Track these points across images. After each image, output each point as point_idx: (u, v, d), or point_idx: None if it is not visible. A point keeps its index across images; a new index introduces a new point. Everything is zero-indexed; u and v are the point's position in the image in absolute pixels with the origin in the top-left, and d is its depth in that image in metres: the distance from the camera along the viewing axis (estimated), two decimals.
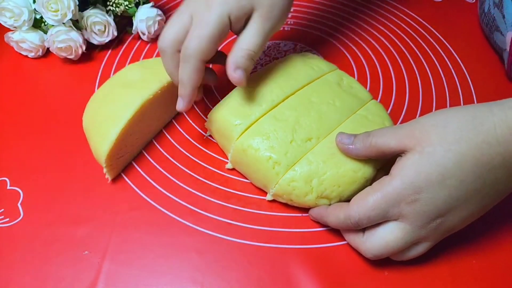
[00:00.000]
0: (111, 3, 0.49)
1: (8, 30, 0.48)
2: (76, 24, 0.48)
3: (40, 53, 0.50)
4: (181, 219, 0.38)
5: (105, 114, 0.39)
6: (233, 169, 0.41)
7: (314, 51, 0.53)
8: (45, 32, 0.49)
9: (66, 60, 0.50)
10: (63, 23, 0.47)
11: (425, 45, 0.54)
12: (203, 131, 0.44)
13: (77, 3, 0.46)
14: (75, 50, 0.48)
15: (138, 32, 0.52)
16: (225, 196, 0.39)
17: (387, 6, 0.60)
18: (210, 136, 0.44)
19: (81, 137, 0.41)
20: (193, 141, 0.43)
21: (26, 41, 0.48)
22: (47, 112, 0.45)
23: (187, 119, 0.45)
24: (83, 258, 0.35)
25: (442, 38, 0.55)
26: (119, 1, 0.49)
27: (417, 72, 0.51)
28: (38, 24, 0.48)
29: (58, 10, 0.45)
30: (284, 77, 0.40)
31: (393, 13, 0.59)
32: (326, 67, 0.43)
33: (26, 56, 0.50)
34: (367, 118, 0.39)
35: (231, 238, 0.37)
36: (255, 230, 0.37)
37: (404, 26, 0.57)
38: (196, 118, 0.45)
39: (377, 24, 0.57)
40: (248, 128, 0.37)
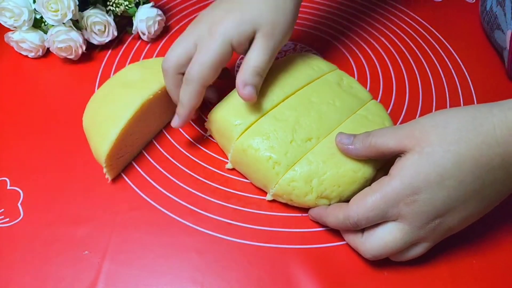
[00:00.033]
0: (111, 3, 0.49)
1: (8, 30, 0.48)
2: (76, 24, 0.48)
3: (40, 53, 0.50)
4: (181, 219, 0.38)
5: (105, 114, 0.39)
6: (233, 169, 0.41)
7: (314, 51, 0.53)
8: (45, 32, 0.49)
9: (66, 60, 0.50)
10: (63, 23, 0.47)
11: (425, 45, 0.54)
12: (203, 131, 0.44)
13: (77, 3, 0.46)
14: (75, 50, 0.48)
15: (138, 32, 0.52)
16: (225, 196, 0.39)
17: (387, 6, 0.60)
18: (210, 136, 0.44)
19: (81, 137, 0.41)
20: (193, 141, 0.43)
21: (26, 41, 0.48)
22: (47, 112, 0.45)
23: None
24: (83, 258, 0.35)
25: (442, 38, 0.55)
26: (119, 1, 0.49)
27: (417, 72, 0.51)
28: (38, 24, 0.48)
29: (58, 10, 0.45)
30: (284, 77, 0.40)
31: (393, 13, 0.59)
32: (326, 67, 0.43)
33: (26, 56, 0.50)
34: (367, 118, 0.39)
35: (231, 238, 0.37)
36: (255, 230, 0.37)
37: (404, 26, 0.57)
38: (196, 118, 0.45)
39: (377, 24, 0.57)
40: (248, 128, 0.37)
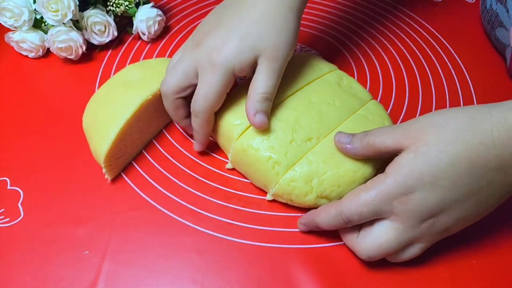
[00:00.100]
0: (112, 3, 0.49)
1: (8, 30, 0.48)
2: (77, 24, 0.48)
3: (40, 53, 0.50)
4: (181, 219, 0.38)
5: (105, 114, 0.39)
6: (233, 169, 0.41)
7: (314, 51, 0.53)
8: (45, 32, 0.49)
9: (66, 60, 0.50)
10: (64, 23, 0.47)
11: (425, 45, 0.54)
12: None
13: (77, 3, 0.46)
14: (75, 50, 0.48)
15: (138, 32, 0.52)
16: (225, 196, 0.39)
17: (387, 6, 0.60)
18: (210, 136, 0.43)
19: (81, 137, 0.41)
20: (193, 141, 0.43)
21: (27, 41, 0.48)
22: (47, 112, 0.45)
23: None
24: (83, 258, 0.35)
25: (442, 38, 0.55)
26: (120, 1, 0.50)
27: (417, 72, 0.51)
28: (39, 24, 0.48)
29: (58, 10, 0.45)
30: (284, 77, 0.40)
31: (393, 13, 0.59)
32: (326, 67, 0.43)
33: (27, 56, 0.50)
34: (367, 118, 0.39)
35: (231, 238, 0.37)
36: (255, 230, 0.37)
37: (404, 26, 0.57)
38: None
39: (377, 24, 0.57)
40: (248, 128, 0.37)
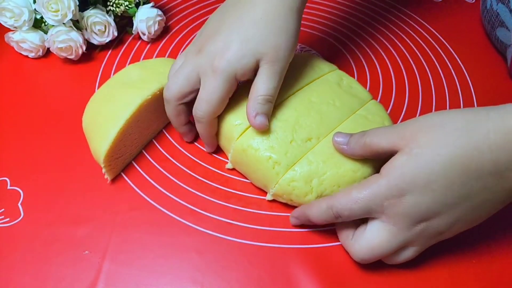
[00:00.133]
0: (112, 3, 0.49)
1: (9, 30, 0.48)
2: (77, 24, 0.48)
3: (41, 53, 0.50)
4: (181, 219, 0.38)
5: (104, 114, 0.39)
6: (233, 169, 0.41)
7: (314, 51, 0.53)
8: (46, 32, 0.49)
9: (66, 60, 0.50)
10: (64, 23, 0.47)
11: (425, 45, 0.54)
12: None
13: (77, 3, 0.46)
14: (75, 50, 0.48)
15: (138, 32, 0.52)
16: (225, 196, 0.39)
17: (387, 7, 0.60)
18: None
19: (81, 137, 0.41)
20: (193, 141, 0.43)
21: (27, 41, 0.48)
22: (47, 112, 0.45)
23: None
24: (83, 258, 0.35)
25: (442, 38, 0.55)
26: (120, 1, 0.50)
27: (417, 72, 0.51)
28: (39, 24, 0.48)
29: (59, 10, 0.45)
30: (284, 77, 0.40)
31: (393, 14, 0.59)
32: (326, 67, 0.43)
33: (27, 56, 0.50)
34: (367, 118, 0.39)
35: (231, 238, 0.37)
36: (255, 230, 0.37)
37: (404, 26, 0.57)
38: None
39: (377, 24, 0.57)
40: (248, 128, 0.37)
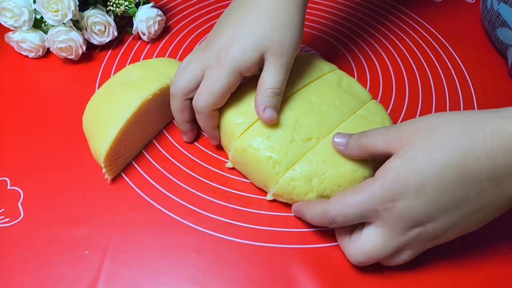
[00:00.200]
0: (112, 3, 0.49)
1: (9, 30, 0.48)
2: (77, 24, 0.48)
3: (41, 53, 0.50)
4: (181, 219, 0.38)
5: (105, 114, 0.39)
6: (233, 169, 0.41)
7: (314, 51, 0.53)
8: (46, 32, 0.49)
9: (66, 60, 0.50)
10: (64, 23, 0.47)
11: (425, 45, 0.55)
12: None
13: (77, 3, 0.46)
14: (75, 50, 0.48)
15: (139, 32, 0.52)
16: (225, 196, 0.39)
17: (387, 7, 0.60)
18: None
19: (81, 137, 0.41)
20: (193, 141, 0.43)
21: (27, 41, 0.48)
22: (47, 112, 0.45)
23: None
24: (83, 258, 0.35)
25: (442, 38, 0.55)
26: (120, 1, 0.50)
27: (417, 72, 0.51)
28: (39, 24, 0.48)
29: (59, 10, 0.45)
30: None
31: (393, 13, 0.59)
32: (326, 67, 0.43)
33: (27, 56, 0.50)
34: (367, 118, 0.39)
35: (231, 238, 0.37)
36: (255, 230, 0.37)
37: (404, 26, 0.57)
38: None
39: (377, 24, 0.57)
40: (250, 127, 0.37)
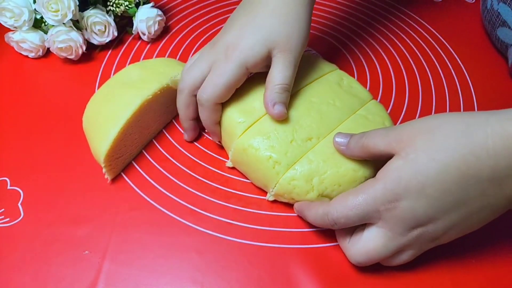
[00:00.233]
0: (112, 3, 0.49)
1: (9, 30, 0.48)
2: (77, 24, 0.48)
3: (41, 53, 0.50)
4: (181, 219, 0.38)
5: (105, 114, 0.39)
6: (233, 169, 0.41)
7: (314, 51, 0.53)
8: (46, 32, 0.49)
9: (67, 60, 0.50)
10: (64, 23, 0.47)
11: (425, 45, 0.55)
12: (204, 130, 0.44)
13: (77, 3, 0.46)
14: (75, 50, 0.48)
15: (139, 32, 0.52)
16: (225, 196, 0.39)
17: (387, 7, 0.60)
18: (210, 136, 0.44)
19: (81, 137, 0.41)
20: (193, 141, 0.43)
21: (27, 41, 0.48)
22: (47, 112, 0.45)
23: None
24: (83, 258, 0.35)
25: (442, 38, 0.55)
26: (120, 1, 0.50)
27: (417, 72, 0.51)
28: (39, 24, 0.48)
29: (59, 10, 0.45)
30: None
31: (393, 13, 0.59)
32: (326, 67, 0.43)
33: (27, 56, 0.50)
34: (367, 118, 0.39)
35: (231, 238, 0.37)
36: (255, 230, 0.37)
37: (404, 26, 0.57)
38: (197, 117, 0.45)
39: (377, 24, 0.57)
40: (251, 127, 0.37)
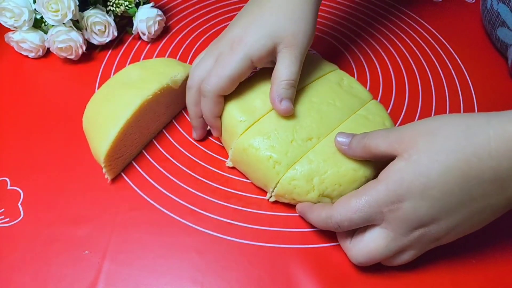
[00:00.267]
0: (112, 3, 0.49)
1: (9, 30, 0.48)
2: (77, 24, 0.48)
3: (41, 53, 0.50)
4: (181, 219, 0.38)
5: (105, 114, 0.39)
6: (233, 168, 0.41)
7: (314, 51, 0.53)
8: (46, 32, 0.49)
9: (66, 60, 0.50)
10: (64, 23, 0.47)
11: (425, 45, 0.55)
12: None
13: (77, 3, 0.46)
14: (75, 50, 0.48)
15: (139, 32, 0.52)
16: (225, 196, 0.39)
17: (387, 7, 0.60)
18: (211, 136, 0.44)
19: (81, 137, 0.41)
20: (193, 141, 0.43)
21: (27, 41, 0.48)
22: (47, 112, 0.45)
23: (188, 119, 0.45)
24: (83, 258, 0.35)
25: (442, 38, 0.55)
26: (120, 1, 0.50)
27: (417, 72, 0.51)
28: (39, 24, 0.48)
29: (59, 10, 0.45)
30: None
31: (393, 13, 0.59)
32: (327, 67, 0.43)
33: (27, 56, 0.50)
34: (367, 118, 0.39)
35: (231, 238, 0.37)
36: (255, 230, 0.37)
37: (404, 26, 0.57)
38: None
39: (377, 24, 0.57)
40: (252, 126, 0.37)
